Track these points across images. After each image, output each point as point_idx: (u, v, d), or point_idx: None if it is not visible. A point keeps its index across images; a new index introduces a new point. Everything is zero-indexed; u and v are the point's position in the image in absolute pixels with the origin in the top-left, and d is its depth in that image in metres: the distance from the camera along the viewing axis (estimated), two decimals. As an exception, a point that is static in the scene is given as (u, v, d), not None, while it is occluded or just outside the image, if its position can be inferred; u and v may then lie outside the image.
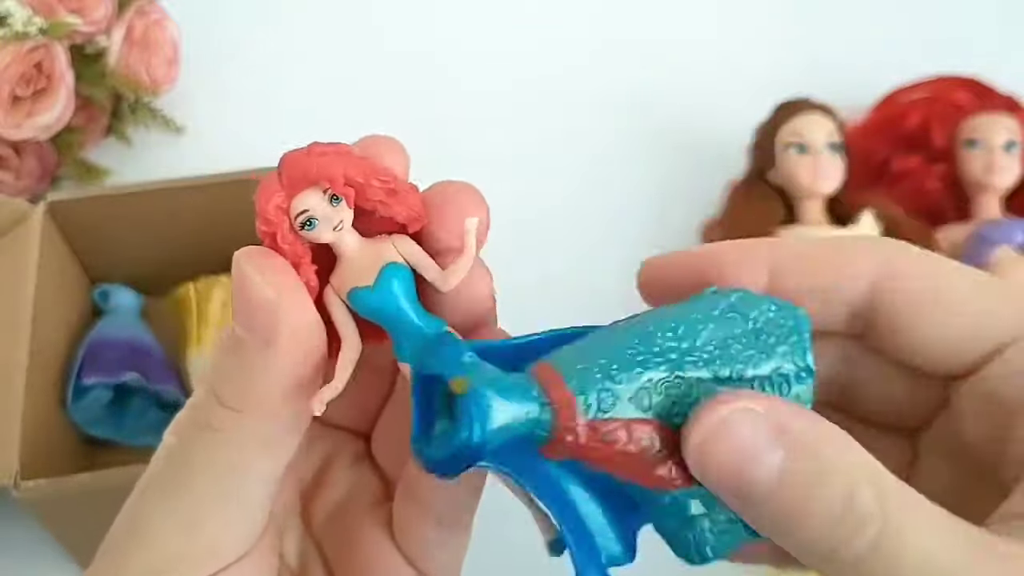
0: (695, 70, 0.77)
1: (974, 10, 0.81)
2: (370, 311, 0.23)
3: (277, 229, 0.22)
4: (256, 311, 0.22)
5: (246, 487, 0.23)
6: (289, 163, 0.22)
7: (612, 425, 0.21)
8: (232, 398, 0.23)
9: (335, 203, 0.22)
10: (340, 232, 0.22)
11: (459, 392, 0.20)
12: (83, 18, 0.63)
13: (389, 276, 0.22)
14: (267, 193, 0.22)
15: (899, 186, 0.67)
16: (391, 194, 0.22)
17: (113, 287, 0.60)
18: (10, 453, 0.46)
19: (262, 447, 0.23)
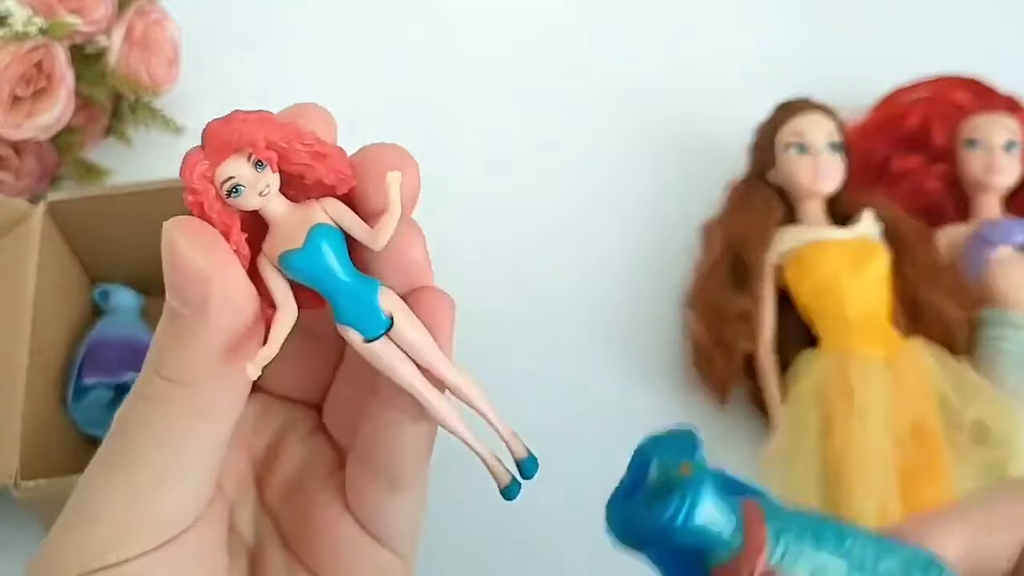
0: (695, 70, 0.77)
1: (974, 10, 0.81)
2: (302, 273, 0.22)
3: (204, 198, 0.22)
4: (187, 280, 0.22)
5: (185, 457, 0.23)
6: (211, 132, 0.22)
7: None
8: (168, 368, 0.23)
9: (259, 169, 0.22)
10: (267, 197, 0.22)
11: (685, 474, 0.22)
12: (83, 18, 0.63)
13: (318, 237, 0.22)
14: (191, 163, 0.22)
15: (899, 186, 0.67)
16: (316, 157, 0.22)
17: (113, 287, 0.60)
18: (10, 453, 0.46)
19: (198, 416, 0.23)
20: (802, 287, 0.60)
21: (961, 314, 0.60)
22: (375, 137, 0.26)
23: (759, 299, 0.60)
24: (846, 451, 0.55)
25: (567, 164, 0.72)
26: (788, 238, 0.61)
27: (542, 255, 0.67)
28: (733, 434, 0.59)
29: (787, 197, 0.63)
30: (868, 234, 0.61)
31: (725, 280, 0.61)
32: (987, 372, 0.59)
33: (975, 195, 0.65)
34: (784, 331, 0.60)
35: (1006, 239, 0.62)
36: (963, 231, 0.63)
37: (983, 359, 0.60)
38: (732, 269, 0.61)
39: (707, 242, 0.65)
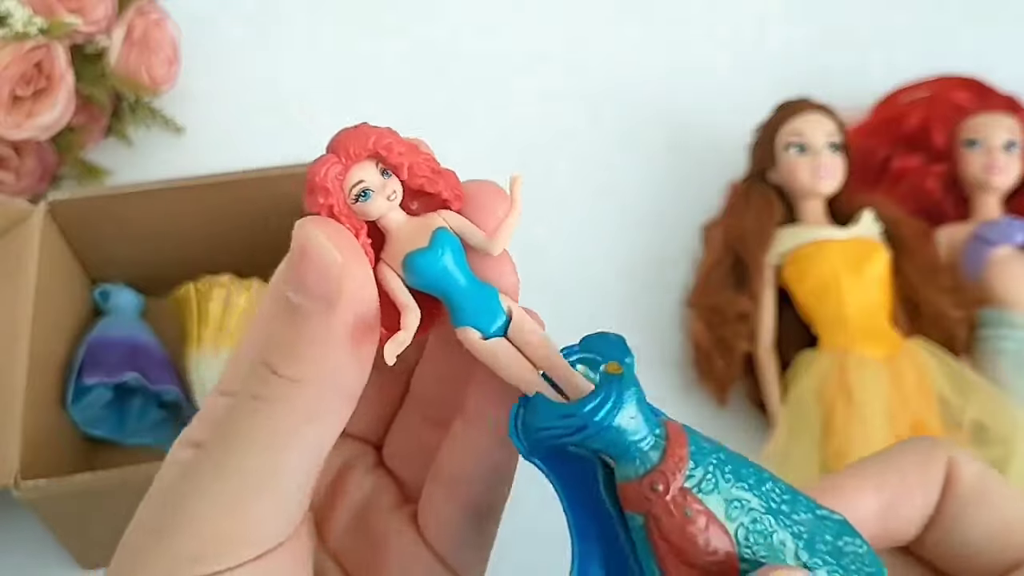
0: (695, 70, 0.77)
1: (974, 10, 0.81)
2: (426, 274, 0.22)
3: (335, 200, 0.22)
4: (321, 273, 0.21)
5: (290, 462, 0.22)
6: (344, 138, 0.23)
7: (699, 507, 0.21)
8: (286, 366, 0.22)
9: (386, 176, 0.22)
10: (392, 203, 0.22)
11: (611, 371, 0.21)
12: (83, 18, 0.63)
13: (442, 238, 0.22)
14: (324, 165, 0.22)
15: (899, 186, 0.67)
16: (436, 172, 0.23)
17: (113, 287, 0.60)
18: (10, 453, 0.46)
19: (311, 417, 0.22)
20: (802, 287, 0.60)
21: (960, 314, 0.60)
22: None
23: (759, 299, 0.60)
24: (845, 450, 0.55)
25: (567, 164, 0.72)
26: (788, 238, 0.61)
27: (543, 255, 0.67)
28: (733, 434, 0.59)
29: (787, 197, 0.63)
30: (868, 234, 0.61)
31: (725, 280, 0.61)
32: (986, 372, 0.59)
33: (975, 195, 0.65)
34: (784, 331, 0.60)
35: (1006, 239, 0.62)
36: (963, 231, 0.63)
37: (982, 359, 0.60)
38: (732, 269, 0.61)
39: (707, 242, 0.65)
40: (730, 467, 0.22)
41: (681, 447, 0.21)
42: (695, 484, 0.21)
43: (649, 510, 0.21)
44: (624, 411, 0.21)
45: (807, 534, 0.22)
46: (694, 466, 0.21)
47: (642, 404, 0.21)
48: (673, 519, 0.21)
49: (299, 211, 0.22)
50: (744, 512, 0.21)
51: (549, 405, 0.22)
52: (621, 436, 0.21)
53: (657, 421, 0.22)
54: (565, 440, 0.21)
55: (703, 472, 0.21)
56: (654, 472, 0.21)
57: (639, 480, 0.21)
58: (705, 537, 0.21)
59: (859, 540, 0.23)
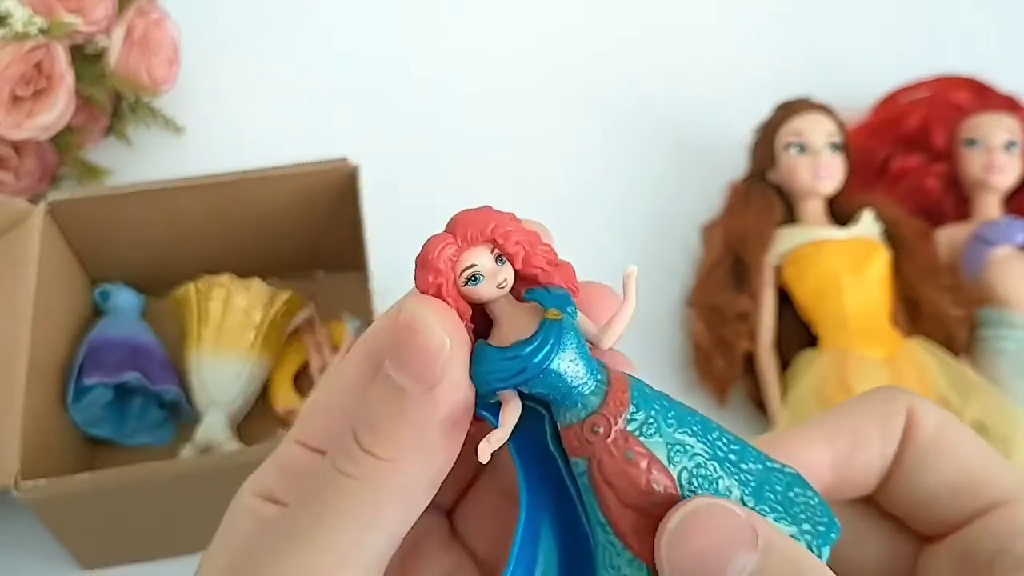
0: (695, 70, 0.77)
1: (974, 10, 0.81)
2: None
3: (444, 280, 0.22)
4: (427, 356, 0.21)
5: (372, 540, 0.22)
6: (464, 219, 0.22)
7: (641, 449, 0.21)
8: (381, 446, 0.22)
9: (500, 263, 0.22)
10: (501, 291, 0.22)
11: (551, 318, 0.22)
12: (83, 18, 0.63)
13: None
14: (439, 245, 0.22)
15: (899, 186, 0.67)
16: (553, 265, 0.23)
17: (113, 287, 0.60)
18: (10, 453, 0.46)
19: (401, 499, 0.22)
20: (801, 287, 0.60)
21: (960, 314, 0.60)
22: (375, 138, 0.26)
23: (759, 299, 0.60)
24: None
25: (567, 165, 0.72)
26: (788, 238, 0.61)
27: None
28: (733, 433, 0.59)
29: (787, 197, 0.63)
30: (868, 234, 0.61)
31: (725, 280, 0.61)
32: (986, 371, 0.59)
33: (975, 195, 0.65)
34: (784, 331, 0.60)
35: (1006, 239, 0.62)
36: (963, 231, 0.63)
37: (982, 358, 0.60)
38: (732, 269, 0.61)
39: (707, 242, 0.65)
40: (674, 413, 0.22)
41: (623, 392, 0.22)
42: (636, 427, 0.22)
43: (591, 453, 0.22)
44: (563, 354, 0.21)
45: (755, 482, 0.22)
46: (635, 410, 0.22)
47: (582, 351, 0.22)
48: (615, 461, 0.21)
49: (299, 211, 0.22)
50: (688, 457, 0.22)
51: (493, 350, 0.22)
52: (561, 380, 0.22)
53: (599, 368, 0.22)
54: (510, 382, 0.22)
55: (645, 416, 0.22)
56: (595, 415, 0.22)
57: (580, 424, 0.22)
58: (647, 479, 0.21)
59: (811, 492, 0.23)
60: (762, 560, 0.20)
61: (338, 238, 0.59)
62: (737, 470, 0.22)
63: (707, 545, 0.20)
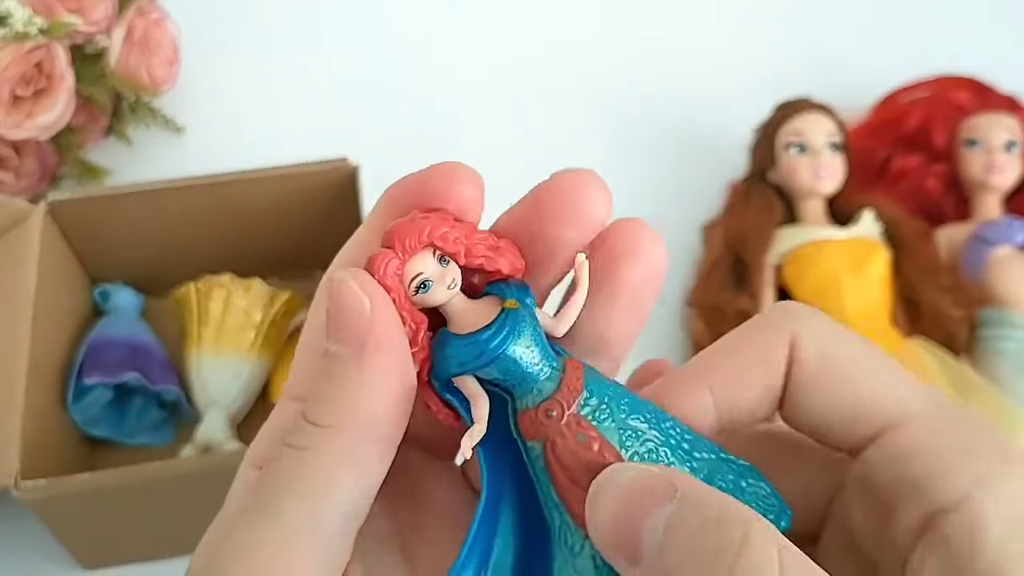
0: (695, 70, 0.77)
1: (974, 10, 0.81)
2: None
3: (395, 295, 0.22)
4: (349, 317, 0.22)
5: (332, 510, 0.22)
6: (399, 230, 0.23)
7: (593, 433, 0.22)
8: (319, 414, 0.22)
9: (444, 264, 0.23)
10: (452, 291, 0.23)
11: (509, 307, 0.23)
12: (83, 18, 0.63)
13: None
14: (381, 262, 0.22)
15: (899, 186, 0.67)
16: (494, 249, 0.24)
17: (113, 287, 0.60)
18: (10, 453, 0.46)
19: (348, 463, 0.22)
20: (802, 287, 0.60)
21: (961, 314, 0.60)
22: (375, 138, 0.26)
23: (759, 299, 0.60)
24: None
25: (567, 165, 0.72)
26: (788, 238, 0.61)
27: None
28: (733, 434, 0.59)
29: (787, 197, 0.63)
30: (868, 234, 0.61)
31: (725, 280, 0.61)
32: (986, 371, 0.59)
33: (975, 195, 0.65)
34: (784, 331, 0.60)
35: (1006, 239, 0.62)
36: (963, 231, 0.63)
37: (982, 359, 0.60)
38: (732, 269, 0.61)
39: (707, 242, 0.65)
40: (627, 401, 0.23)
41: (577, 379, 0.23)
42: (589, 412, 0.22)
43: (545, 436, 0.22)
44: (518, 341, 0.22)
45: (707, 470, 0.23)
46: (589, 396, 0.23)
47: (538, 338, 0.23)
48: (567, 443, 0.22)
49: (299, 211, 0.22)
50: (639, 442, 0.22)
51: (453, 336, 0.23)
52: (517, 366, 0.22)
53: (555, 355, 0.23)
54: (468, 366, 0.23)
55: (598, 402, 0.22)
56: (549, 400, 0.22)
57: (536, 408, 0.23)
58: (598, 461, 0.22)
59: (763, 483, 0.23)
60: (676, 509, 0.20)
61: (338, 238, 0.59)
62: (689, 458, 0.23)
63: (622, 505, 0.21)
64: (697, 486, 0.21)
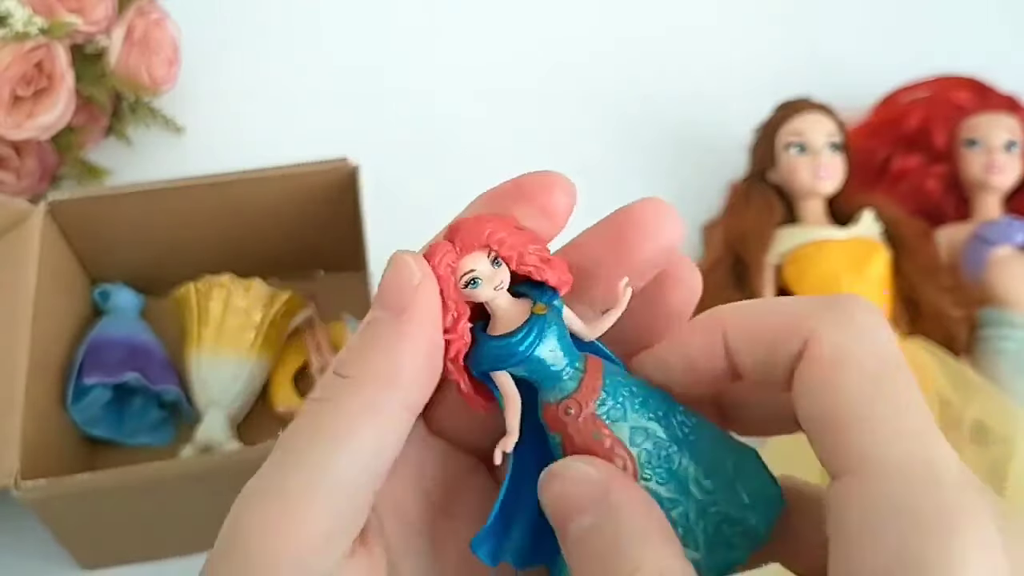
0: (695, 70, 0.77)
1: (974, 10, 0.81)
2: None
3: (445, 284, 0.24)
4: (398, 286, 0.24)
5: (347, 461, 0.22)
6: (462, 227, 0.25)
7: (606, 431, 0.24)
8: (347, 366, 0.23)
9: (496, 266, 0.25)
10: (498, 292, 0.25)
11: (537, 312, 0.25)
12: (83, 18, 0.63)
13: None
14: (439, 252, 0.24)
15: (899, 186, 0.67)
16: (544, 261, 0.25)
17: (113, 287, 0.60)
18: (10, 453, 0.46)
19: (367, 417, 0.23)
20: (802, 287, 0.60)
21: (961, 314, 0.60)
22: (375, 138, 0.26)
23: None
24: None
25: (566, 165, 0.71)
26: (788, 238, 0.61)
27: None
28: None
29: (787, 197, 0.63)
30: (868, 234, 0.61)
31: (725, 280, 0.61)
32: (987, 371, 0.59)
33: (975, 195, 0.65)
34: (784, 331, 0.60)
35: (1006, 239, 0.62)
36: (963, 231, 0.63)
37: (983, 358, 0.60)
38: (732, 269, 0.61)
39: (707, 242, 0.65)
40: (641, 400, 0.25)
41: (596, 380, 0.25)
42: (604, 412, 0.24)
43: (563, 430, 0.25)
44: (544, 344, 0.24)
45: (706, 462, 0.25)
46: (605, 396, 0.25)
47: (563, 341, 0.25)
48: (582, 439, 0.24)
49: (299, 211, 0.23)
50: (648, 439, 0.24)
51: (488, 337, 0.25)
52: (542, 365, 0.25)
53: (579, 357, 0.25)
54: (499, 365, 0.25)
55: (613, 403, 0.25)
56: (570, 398, 0.25)
57: (557, 404, 0.25)
58: (609, 457, 0.24)
59: (758, 475, 0.25)
60: (593, 524, 0.23)
61: (338, 238, 0.59)
62: (693, 449, 0.25)
63: (558, 499, 0.23)
64: (629, 504, 0.23)
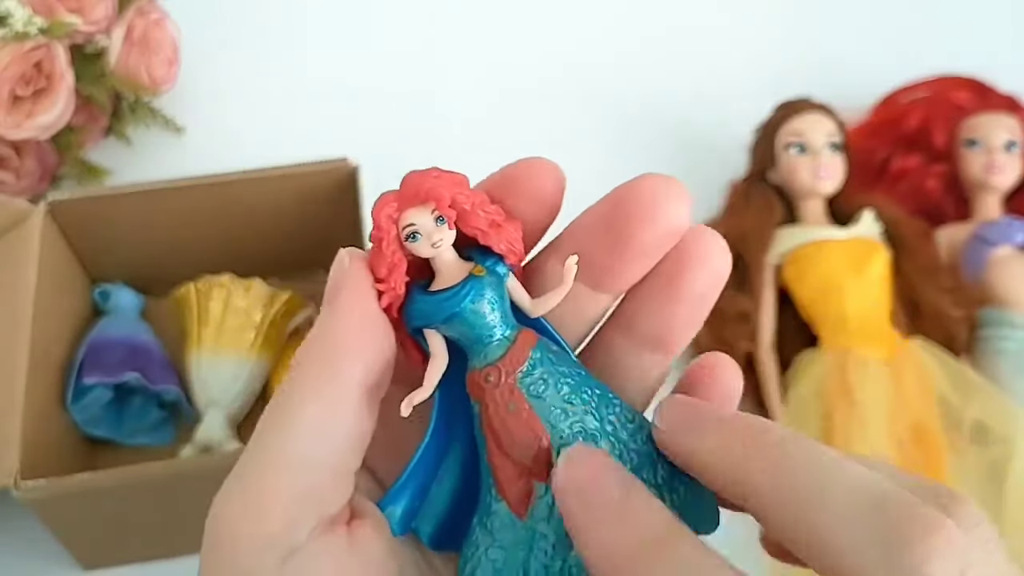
0: (695, 70, 0.77)
1: (974, 10, 0.81)
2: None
3: (385, 235, 0.24)
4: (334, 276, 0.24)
5: (297, 439, 0.23)
6: (407, 181, 0.25)
7: (524, 405, 0.24)
8: (297, 357, 0.24)
9: (439, 223, 0.24)
10: (437, 249, 0.24)
11: (475, 273, 0.24)
12: (83, 18, 0.63)
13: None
14: (382, 204, 0.24)
15: (899, 186, 0.67)
16: (493, 225, 0.25)
17: (113, 287, 0.60)
18: (10, 453, 0.46)
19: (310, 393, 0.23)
20: (802, 287, 0.60)
21: (961, 314, 0.60)
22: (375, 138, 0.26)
23: (759, 299, 0.60)
24: (846, 450, 0.54)
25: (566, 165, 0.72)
26: (788, 238, 0.61)
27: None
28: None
29: (787, 197, 0.63)
30: (868, 234, 0.61)
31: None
32: (987, 371, 0.59)
33: (975, 195, 0.65)
34: (784, 331, 0.60)
35: (1006, 239, 0.62)
36: (963, 231, 0.63)
37: (982, 359, 0.60)
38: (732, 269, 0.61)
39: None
40: (573, 381, 0.24)
41: (523, 351, 0.24)
42: (526, 385, 0.24)
43: (482, 398, 0.24)
44: (474, 305, 0.24)
45: (636, 461, 0.24)
46: (531, 369, 0.24)
47: (497, 307, 0.24)
48: (498, 409, 0.24)
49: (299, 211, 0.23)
50: (569, 423, 0.24)
51: (420, 294, 0.25)
52: (470, 328, 0.24)
53: (513, 327, 0.25)
54: (428, 322, 0.24)
55: (539, 376, 0.24)
56: (492, 366, 0.24)
57: (480, 370, 0.24)
58: (522, 431, 0.24)
59: (699, 487, 0.25)
60: None
61: (338, 238, 0.59)
62: (623, 448, 0.24)
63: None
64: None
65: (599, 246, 0.25)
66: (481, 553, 0.24)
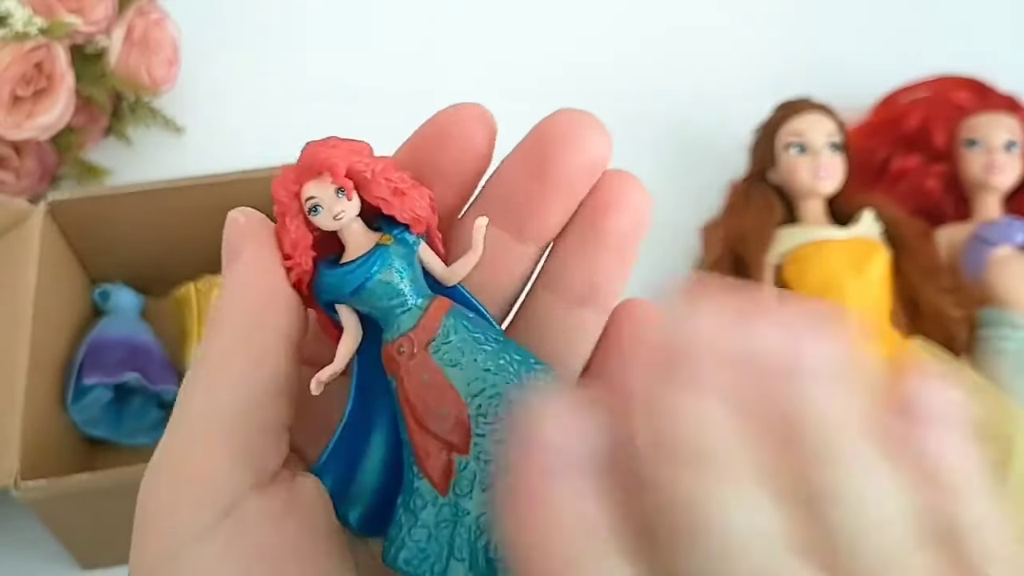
0: (695, 70, 0.77)
1: (975, 10, 0.81)
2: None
3: (287, 210, 0.24)
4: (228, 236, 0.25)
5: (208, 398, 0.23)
6: (305, 152, 0.24)
7: (439, 376, 0.23)
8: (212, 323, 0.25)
9: (340, 195, 0.23)
10: (340, 221, 0.23)
11: (382, 243, 0.23)
12: (83, 18, 0.63)
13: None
14: (283, 178, 0.24)
15: (899, 186, 0.67)
16: (396, 193, 0.24)
17: (113, 287, 0.60)
18: (10, 453, 0.46)
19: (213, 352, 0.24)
20: (802, 287, 0.60)
21: (961, 314, 0.60)
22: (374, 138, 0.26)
23: (759, 299, 0.60)
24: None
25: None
26: (788, 238, 0.61)
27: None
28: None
29: (787, 197, 0.63)
30: (868, 234, 0.61)
31: (725, 280, 0.61)
32: (986, 371, 0.59)
33: (975, 195, 0.65)
34: (784, 331, 0.60)
35: (1006, 239, 0.62)
36: (963, 231, 0.63)
37: (982, 359, 0.60)
38: (732, 269, 0.61)
39: (707, 242, 0.65)
40: (490, 349, 0.23)
41: (435, 320, 0.23)
42: (440, 355, 0.23)
43: (396, 371, 0.23)
44: (379, 275, 0.23)
45: None
46: (444, 338, 0.23)
47: (407, 276, 0.23)
48: (412, 381, 0.23)
49: None
50: (484, 386, 0.23)
51: (326, 268, 0.24)
52: (380, 299, 0.23)
53: (426, 296, 0.24)
54: (332, 295, 0.24)
55: (453, 345, 0.23)
56: (403, 337, 0.23)
57: (392, 343, 0.23)
58: (437, 402, 0.23)
59: None
60: None
61: (338, 238, 0.59)
62: None
63: None
64: None
65: (520, 187, 0.25)
66: (405, 534, 0.23)
